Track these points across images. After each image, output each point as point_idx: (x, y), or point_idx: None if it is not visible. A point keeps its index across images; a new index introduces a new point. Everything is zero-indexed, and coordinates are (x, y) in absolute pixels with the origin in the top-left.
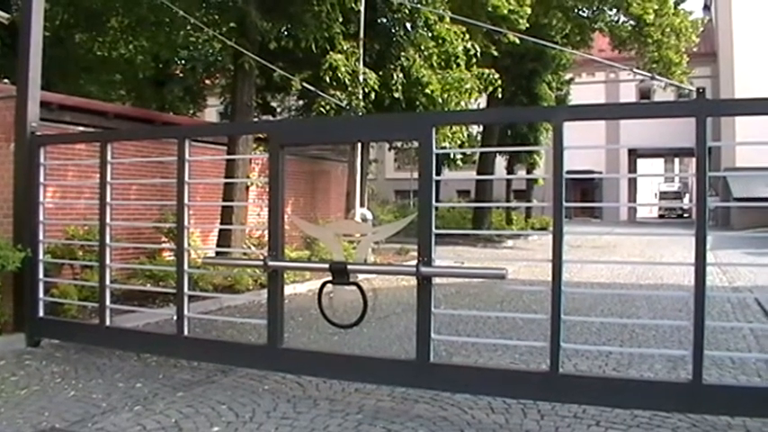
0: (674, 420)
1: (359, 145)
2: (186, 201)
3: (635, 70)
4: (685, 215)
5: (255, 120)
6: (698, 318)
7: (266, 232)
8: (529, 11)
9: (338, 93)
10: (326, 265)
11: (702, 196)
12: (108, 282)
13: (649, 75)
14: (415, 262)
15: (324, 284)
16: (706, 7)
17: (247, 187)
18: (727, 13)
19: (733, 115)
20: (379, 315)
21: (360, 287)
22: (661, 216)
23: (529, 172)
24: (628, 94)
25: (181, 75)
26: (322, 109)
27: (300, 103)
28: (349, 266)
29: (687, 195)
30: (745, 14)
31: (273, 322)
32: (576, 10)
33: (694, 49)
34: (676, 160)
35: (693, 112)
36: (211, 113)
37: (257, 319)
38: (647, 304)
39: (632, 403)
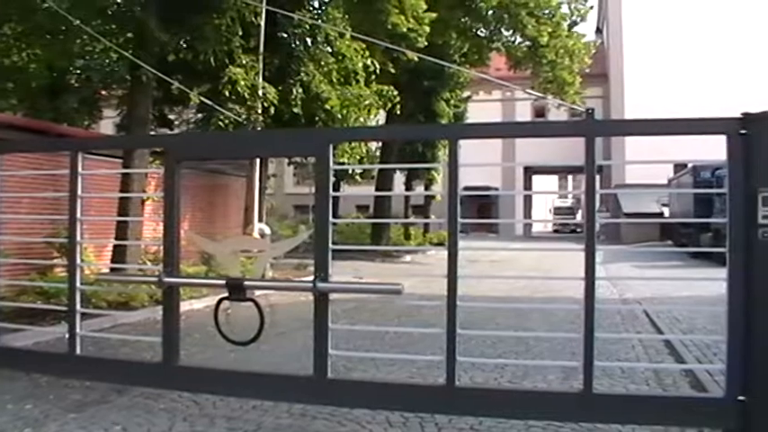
0: (567, 430)
1: (257, 160)
2: (79, 215)
3: (527, 90)
4: (578, 230)
5: (152, 133)
6: (588, 330)
7: (162, 248)
8: (428, 29)
9: (237, 107)
10: (223, 281)
11: (591, 213)
12: None
13: (542, 95)
14: (312, 277)
15: (220, 301)
16: (598, 30)
17: (143, 201)
18: (618, 37)
19: (620, 135)
20: (277, 331)
21: (256, 303)
22: (555, 231)
23: (427, 188)
24: (523, 112)
25: (76, 85)
26: (221, 123)
27: (199, 116)
28: (246, 282)
29: (580, 211)
30: (634, 38)
31: (169, 339)
32: (473, 30)
33: (587, 71)
34: (570, 177)
35: (583, 132)
36: (107, 125)
37: (153, 337)
38: (541, 317)
39: (527, 414)
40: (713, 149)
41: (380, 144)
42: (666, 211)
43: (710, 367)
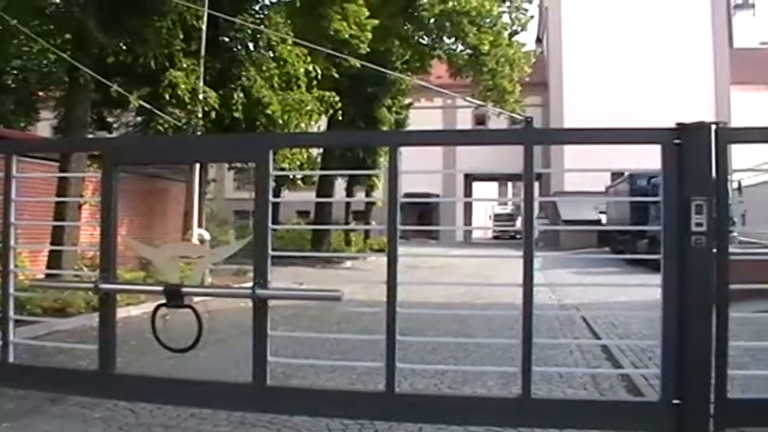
0: None
1: (197, 164)
2: (13, 219)
3: (467, 98)
4: (518, 236)
5: (91, 136)
6: (526, 335)
7: (99, 253)
8: (370, 36)
9: (177, 111)
10: (161, 288)
11: (530, 220)
12: None
13: (482, 103)
14: (251, 284)
15: (158, 307)
16: (539, 40)
17: (80, 206)
18: (558, 46)
19: (558, 144)
20: (216, 337)
21: (194, 310)
22: (495, 237)
23: (368, 194)
24: (464, 119)
25: (13, 86)
26: (160, 127)
27: (138, 120)
28: (184, 289)
29: (519, 218)
30: (574, 48)
31: (105, 347)
32: (415, 37)
33: (527, 79)
34: (509, 184)
35: (522, 141)
36: (45, 128)
37: (89, 344)
38: (481, 323)
39: (466, 420)
40: (649, 158)
41: (322, 150)
42: (604, 219)
43: (646, 372)
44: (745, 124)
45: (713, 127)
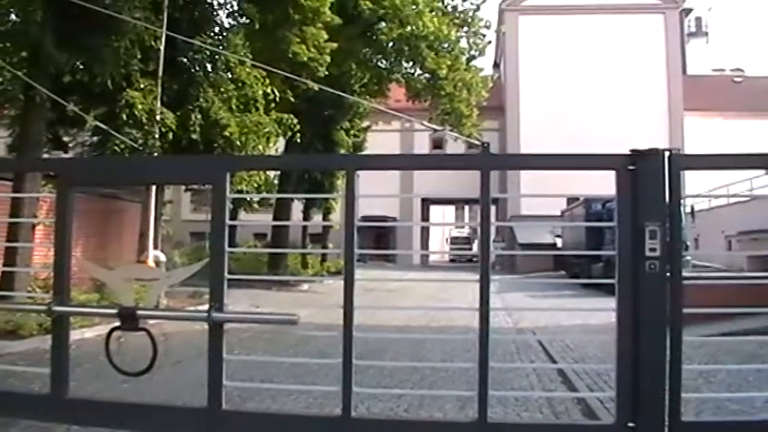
0: None
1: (153, 186)
2: None
3: (423, 123)
4: (474, 259)
5: (46, 155)
6: (483, 359)
7: (52, 274)
8: (329, 59)
9: (134, 131)
10: (115, 311)
11: (486, 244)
12: None
13: (439, 128)
14: (207, 306)
15: (112, 330)
16: (496, 65)
17: (34, 226)
18: (515, 72)
19: (514, 169)
20: (171, 361)
21: (149, 333)
22: (452, 260)
23: (325, 216)
24: (422, 143)
25: None
26: (116, 147)
27: (95, 139)
28: (138, 312)
29: (476, 241)
30: (530, 73)
31: (58, 370)
32: (374, 61)
33: (484, 103)
34: (466, 207)
35: (478, 166)
36: None
37: (41, 367)
38: (438, 346)
39: None
40: (605, 182)
41: (279, 171)
42: (560, 242)
43: (601, 395)
44: (698, 150)
45: (666, 154)
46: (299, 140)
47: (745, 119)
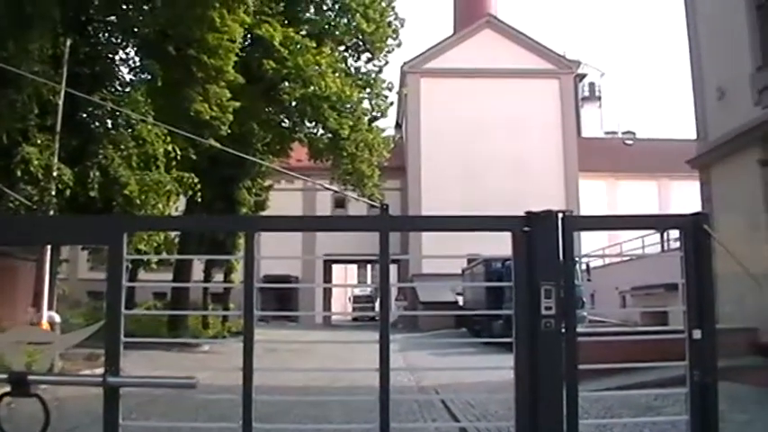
0: None
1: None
2: None
3: (323, 185)
4: (377, 318)
5: None
6: (383, 420)
7: None
8: (231, 117)
9: (29, 188)
10: (5, 376)
11: (386, 305)
12: None
13: (337, 189)
14: (102, 370)
15: (1, 396)
16: (398, 125)
17: None
18: (416, 133)
19: (413, 230)
20: (65, 427)
21: (41, 399)
22: (355, 319)
23: (226, 275)
24: (324, 201)
25: None
26: (11, 204)
27: None
28: (30, 377)
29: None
30: (431, 134)
31: None
32: (276, 120)
33: (386, 164)
34: (369, 266)
35: (378, 227)
36: None
37: None
38: (339, 407)
39: None
40: (505, 240)
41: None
42: (461, 300)
43: None
44: (593, 210)
45: (560, 215)
46: (200, 199)
47: (635, 180)
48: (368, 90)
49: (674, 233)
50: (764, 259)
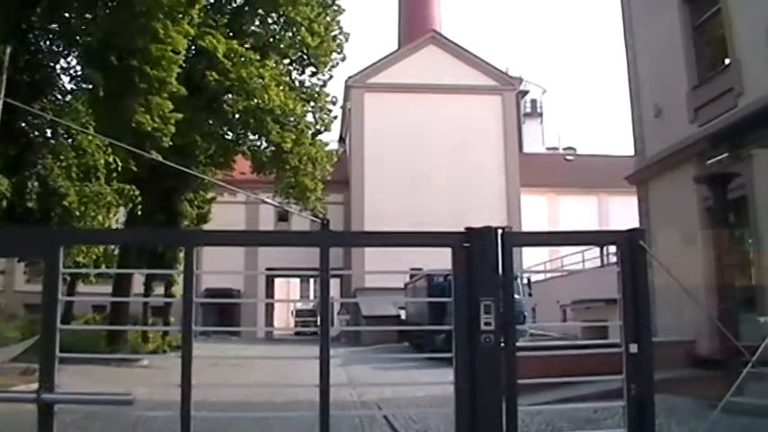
0: None
1: None
2: None
3: (264, 200)
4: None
5: None
6: None
7: None
8: (174, 129)
9: None
10: None
11: (326, 320)
12: None
13: (278, 204)
14: (36, 386)
15: None
16: (341, 139)
17: None
18: (360, 147)
19: (354, 246)
20: None
21: None
22: (297, 333)
23: (167, 289)
24: (267, 215)
25: None
26: None
27: None
28: None
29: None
30: (374, 149)
31: None
32: (219, 132)
33: (329, 177)
34: (311, 280)
35: (318, 243)
36: None
37: None
38: (280, 423)
39: None
40: (446, 254)
41: None
42: (404, 314)
43: None
44: (534, 225)
45: (499, 231)
46: (140, 211)
47: (576, 195)
48: (312, 104)
49: (613, 248)
50: (698, 273)
